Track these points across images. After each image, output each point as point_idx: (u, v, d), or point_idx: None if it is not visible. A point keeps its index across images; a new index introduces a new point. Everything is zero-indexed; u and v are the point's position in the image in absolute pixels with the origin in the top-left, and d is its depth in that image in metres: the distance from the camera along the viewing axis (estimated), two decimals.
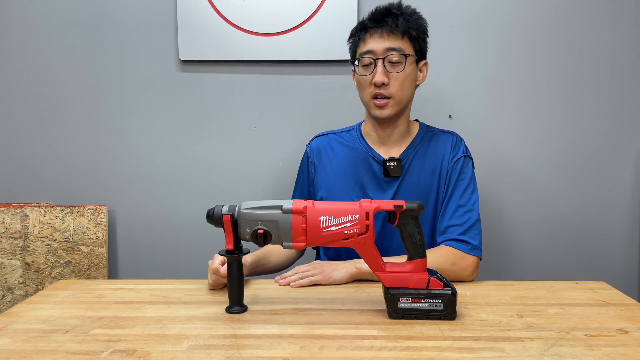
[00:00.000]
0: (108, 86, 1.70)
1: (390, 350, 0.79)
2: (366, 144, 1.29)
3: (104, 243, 1.69)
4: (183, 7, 1.63)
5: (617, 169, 1.68)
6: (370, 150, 1.27)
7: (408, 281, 0.92)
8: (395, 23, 1.16)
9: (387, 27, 1.16)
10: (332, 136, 1.35)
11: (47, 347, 0.81)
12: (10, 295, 1.71)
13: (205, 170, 1.73)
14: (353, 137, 1.32)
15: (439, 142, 1.27)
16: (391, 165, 1.23)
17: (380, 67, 1.16)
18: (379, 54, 1.17)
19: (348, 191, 1.27)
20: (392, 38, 1.16)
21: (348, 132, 1.34)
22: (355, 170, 1.28)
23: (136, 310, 0.98)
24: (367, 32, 1.18)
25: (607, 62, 1.64)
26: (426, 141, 1.28)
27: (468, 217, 1.19)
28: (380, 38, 1.17)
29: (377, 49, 1.16)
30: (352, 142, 1.31)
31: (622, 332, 0.86)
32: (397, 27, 1.16)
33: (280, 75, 1.68)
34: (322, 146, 1.33)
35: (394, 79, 1.17)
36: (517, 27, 1.64)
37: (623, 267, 1.72)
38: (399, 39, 1.17)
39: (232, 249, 0.94)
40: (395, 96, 1.18)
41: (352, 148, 1.30)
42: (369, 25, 1.19)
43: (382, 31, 1.17)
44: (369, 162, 1.27)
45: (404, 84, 1.18)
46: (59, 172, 1.73)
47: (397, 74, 1.17)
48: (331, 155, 1.31)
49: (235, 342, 0.82)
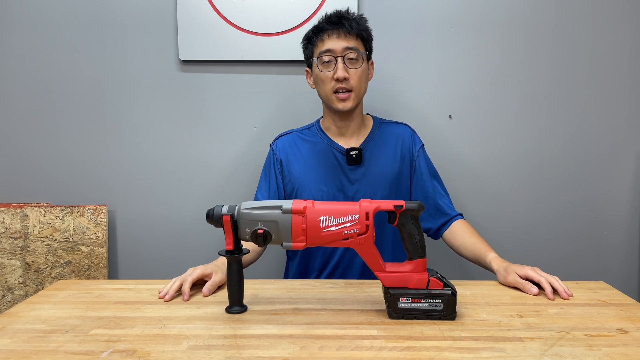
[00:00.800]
0: (108, 86, 1.70)
1: (390, 350, 0.79)
2: (327, 137, 1.40)
3: (104, 243, 1.69)
4: (183, 7, 1.63)
5: (617, 169, 1.68)
6: (332, 143, 1.39)
7: (408, 281, 0.92)
8: (351, 25, 1.28)
9: (344, 28, 1.28)
10: (294, 134, 1.45)
11: (47, 347, 0.81)
12: (10, 295, 1.71)
13: (205, 170, 1.73)
14: (314, 133, 1.42)
15: (395, 132, 1.42)
16: (353, 154, 1.35)
17: (340, 64, 1.27)
18: (338, 52, 1.28)
19: (317, 182, 1.37)
20: (349, 38, 1.29)
21: (308, 129, 1.45)
22: (320, 162, 1.38)
23: (136, 310, 0.98)
24: (325, 33, 1.29)
25: (607, 62, 1.64)
26: (382, 131, 1.41)
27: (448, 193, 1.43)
28: (338, 38, 1.28)
29: (337, 48, 1.28)
30: (313, 137, 1.41)
31: (622, 332, 0.86)
32: (352, 29, 1.29)
33: (280, 75, 1.68)
34: (288, 144, 1.43)
35: (353, 74, 1.29)
36: (517, 27, 1.64)
37: (623, 267, 1.72)
38: (353, 39, 1.29)
39: (232, 249, 0.94)
40: (355, 89, 1.30)
41: (314, 143, 1.40)
42: (327, 27, 1.30)
43: (339, 32, 1.28)
44: (333, 153, 1.38)
45: (361, 79, 1.31)
46: (59, 172, 1.73)
47: (356, 69, 1.29)
48: (296, 152, 1.41)
49: (235, 342, 0.82)
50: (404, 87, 1.67)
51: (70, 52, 1.69)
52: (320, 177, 1.37)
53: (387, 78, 1.65)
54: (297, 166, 1.39)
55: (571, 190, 1.69)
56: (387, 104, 1.65)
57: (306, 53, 1.36)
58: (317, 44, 1.31)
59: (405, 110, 1.67)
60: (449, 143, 1.68)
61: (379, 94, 1.65)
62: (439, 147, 1.66)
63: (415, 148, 1.40)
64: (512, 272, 1.11)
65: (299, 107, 1.69)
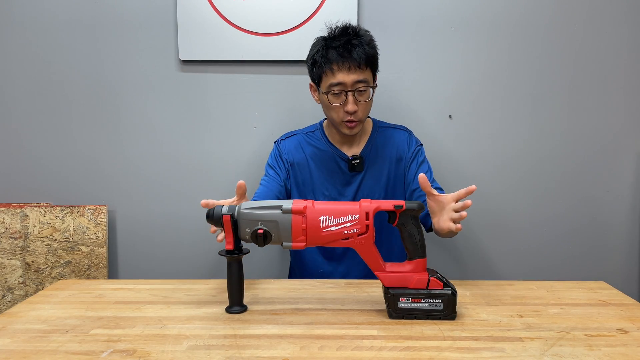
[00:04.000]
0: (108, 86, 1.70)
1: (390, 350, 0.79)
2: (330, 144, 1.42)
3: (104, 243, 1.69)
4: (183, 7, 1.63)
5: (617, 169, 1.68)
6: (335, 150, 1.41)
7: (408, 281, 0.92)
8: (360, 56, 1.26)
9: (354, 61, 1.26)
10: (300, 136, 1.46)
11: (47, 347, 0.81)
12: (10, 295, 1.71)
13: (205, 170, 1.73)
14: (318, 138, 1.44)
15: (393, 137, 1.43)
16: (355, 163, 1.38)
17: (351, 98, 1.28)
18: (348, 87, 1.27)
19: (319, 187, 1.41)
20: (359, 71, 1.27)
21: (312, 133, 1.46)
22: (323, 167, 1.41)
23: (136, 310, 0.98)
24: (334, 64, 1.27)
25: (607, 62, 1.64)
26: (381, 137, 1.43)
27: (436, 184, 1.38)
28: (348, 72, 1.26)
29: (347, 82, 1.27)
30: (318, 143, 1.43)
31: (622, 332, 0.86)
32: (361, 60, 1.26)
33: (280, 75, 1.68)
34: (293, 145, 1.45)
35: (362, 105, 1.30)
36: (517, 27, 1.64)
37: (623, 267, 1.72)
38: (363, 70, 1.28)
39: (232, 249, 0.94)
40: (362, 118, 1.33)
41: (319, 148, 1.43)
42: (336, 59, 1.26)
43: (349, 65, 1.26)
44: (335, 159, 1.41)
45: (367, 108, 1.34)
46: (59, 172, 1.73)
47: (364, 101, 1.30)
48: (302, 155, 1.43)
49: (235, 342, 0.82)
50: (404, 87, 1.67)
51: (70, 52, 1.69)
52: (322, 181, 1.41)
53: (387, 78, 1.65)
54: (302, 170, 1.42)
55: (571, 190, 1.69)
56: (387, 104, 1.65)
57: (312, 75, 1.35)
58: (327, 73, 1.29)
59: (406, 110, 1.67)
60: (449, 143, 1.68)
61: (379, 94, 1.64)
62: (439, 147, 1.66)
63: (409, 151, 1.42)
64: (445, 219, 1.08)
65: (299, 107, 1.69)
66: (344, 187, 1.41)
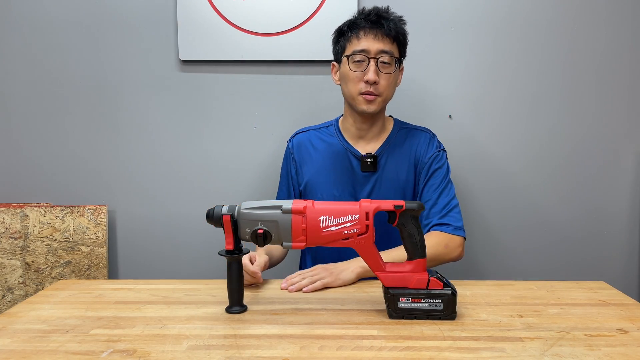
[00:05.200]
0: (108, 86, 1.70)
1: (390, 350, 0.79)
2: (344, 140, 1.34)
3: (104, 243, 1.69)
4: (183, 7, 1.63)
5: (617, 170, 1.68)
6: (349, 146, 1.33)
7: (408, 281, 0.92)
8: (389, 27, 1.22)
9: (382, 29, 1.22)
10: (312, 132, 1.40)
11: (47, 347, 0.81)
12: (10, 295, 1.71)
13: (205, 170, 1.73)
14: (332, 133, 1.37)
15: (413, 138, 1.34)
16: (368, 161, 1.30)
17: (373, 66, 1.21)
18: (372, 54, 1.22)
19: (328, 186, 1.34)
20: (386, 41, 1.23)
21: (327, 128, 1.40)
22: (334, 165, 1.34)
23: (136, 310, 0.98)
24: (362, 30, 1.23)
25: (607, 62, 1.64)
26: (401, 137, 1.34)
27: (449, 201, 1.27)
28: (375, 39, 1.22)
29: (371, 49, 1.22)
30: (330, 138, 1.37)
31: (622, 332, 0.86)
32: (390, 31, 1.22)
33: (280, 75, 1.68)
34: (303, 142, 1.39)
35: (384, 79, 1.24)
36: (517, 28, 1.64)
37: (623, 267, 1.72)
38: (390, 42, 1.23)
39: (232, 249, 0.94)
40: (382, 94, 1.25)
41: (330, 144, 1.35)
42: (364, 25, 1.23)
43: (376, 33, 1.22)
44: (348, 157, 1.33)
45: (390, 84, 1.26)
46: (59, 172, 1.73)
47: (387, 74, 1.24)
48: (312, 151, 1.37)
49: (235, 342, 0.82)
50: (404, 87, 1.67)
51: (70, 52, 1.69)
52: (332, 180, 1.34)
53: None
54: (311, 167, 1.36)
55: (571, 190, 1.69)
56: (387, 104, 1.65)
57: (337, 47, 1.30)
58: (352, 40, 1.24)
59: (406, 110, 1.67)
60: (449, 143, 1.68)
61: None
62: None
63: (427, 155, 1.32)
64: None
65: (299, 107, 1.69)
66: (356, 188, 1.32)
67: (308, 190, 1.36)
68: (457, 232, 1.24)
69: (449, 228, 1.23)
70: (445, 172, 1.32)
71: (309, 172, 1.36)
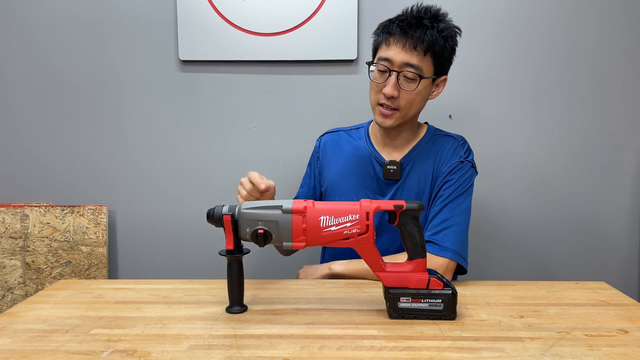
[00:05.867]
0: (108, 86, 1.70)
1: (390, 350, 0.79)
2: (371, 145, 1.29)
3: (104, 243, 1.69)
4: (183, 7, 1.63)
5: (617, 169, 1.68)
6: (374, 152, 1.27)
7: (408, 281, 0.92)
8: (422, 38, 1.10)
9: (411, 40, 1.11)
10: (341, 133, 1.35)
11: (47, 347, 0.81)
12: (10, 295, 1.71)
13: (205, 170, 1.73)
14: (360, 136, 1.32)
15: (440, 146, 1.25)
16: (391, 169, 1.23)
17: (393, 80, 1.12)
18: (395, 66, 1.12)
19: (349, 191, 1.28)
20: (414, 54, 1.11)
21: (357, 130, 1.34)
22: (358, 169, 1.28)
23: (136, 310, 0.98)
24: (392, 37, 1.13)
25: (607, 62, 1.64)
26: (429, 145, 1.25)
27: (447, 220, 1.15)
28: (402, 50, 1.11)
29: (396, 60, 1.12)
30: (358, 141, 1.31)
31: (622, 332, 0.86)
32: (422, 43, 1.11)
33: (280, 75, 1.68)
34: (330, 142, 1.35)
35: (405, 94, 1.14)
36: (518, 27, 1.64)
37: (623, 268, 1.72)
38: (420, 55, 1.12)
39: (232, 249, 0.94)
40: (402, 109, 1.16)
41: (357, 147, 1.30)
42: (395, 31, 1.13)
43: (405, 42, 1.11)
44: (372, 162, 1.27)
45: (413, 101, 1.16)
46: (59, 172, 1.73)
47: (409, 91, 1.13)
48: (337, 153, 1.32)
49: (236, 342, 0.82)
50: None
51: (70, 52, 1.69)
52: (353, 185, 1.27)
53: None
54: (334, 169, 1.31)
55: (571, 190, 1.69)
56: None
57: (372, 47, 1.22)
58: (382, 45, 1.15)
59: None
60: None
61: None
62: None
63: (447, 163, 1.21)
64: None
65: (299, 107, 1.69)
66: (377, 195, 1.25)
67: (329, 192, 1.32)
68: (442, 254, 1.11)
69: (435, 248, 1.12)
70: (459, 185, 1.18)
71: (331, 174, 1.32)
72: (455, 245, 1.13)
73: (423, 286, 0.91)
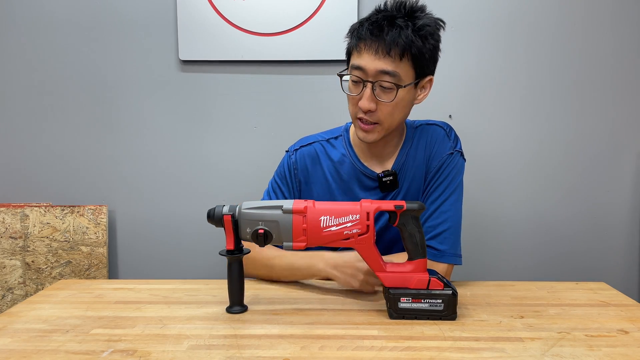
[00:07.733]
0: (108, 86, 1.70)
1: (390, 350, 0.79)
2: (356, 158, 1.14)
3: (104, 243, 1.69)
4: (183, 7, 1.63)
5: (617, 169, 1.68)
6: (361, 167, 1.13)
7: (408, 281, 0.92)
8: (395, 40, 0.96)
9: (383, 44, 0.96)
10: (317, 146, 1.18)
11: (47, 347, 0.81)
12: (10, 295, 1.71)
13: (205, 170, 1.73)
14: (341, 147, 1.16)
15: (428, 137, 1.14)
16: (387, 180, 1.10)
17: (368, 92, 0.99)
18: (369, 75, 0.99)
19: None
20: (388, 59, 0.97)
21: (335, 140, 1.18)
22: (347, 188, 1.14)
23: (136, 310, 0.98)
24: (362, 41, 0.99)
25: (607, 63, 1.64)
26: (416, 140, 1.14)
27: (442, 220, 1.08)
28: (375, 56, 0.97)
29: (369, 69, 0.98)
30: (339, 156, 1.15)
31: (623, 332, 0.86)
32: (396, 46, 0.96)
33: (280, 75, 1.68)
34: (309, 160, 1.17)
35: (383, 106, 1.00)
36: (518, 27, 1.64)
37: (623, 268, 1.72)
38: (395, 60, 0.97)
39: (232, 249, 0.94)
40: (383, 122, 1.03)
41: (341, 163, 1.14)
42: (365, 35, 0.98)
43: (377, 47, 0.97)
44: (360, 179, 1.13)
45: (393, 112, 1.02)
46: (59, 172, 1.73)
47: (387, 102, 1.00)
48: (319, 171, 1.16)
49: (236, 342, 0.82)
50: None
51: (70, 52, 1.69)
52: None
53: None
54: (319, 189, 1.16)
55: (571, 190, 1.69)
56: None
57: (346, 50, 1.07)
58: (353, 52, 1.02)
59: None
60: None
61: None
62: None
63: (436, 158, 1.11)
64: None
65: (299, 107, 1.69)
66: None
67: None
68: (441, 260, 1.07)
69: (434, 254, 1.07)
70: (450, 181, 1.10)
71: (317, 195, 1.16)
72: (452, 248, 1.09)
73: (423, 286, 0.91)
